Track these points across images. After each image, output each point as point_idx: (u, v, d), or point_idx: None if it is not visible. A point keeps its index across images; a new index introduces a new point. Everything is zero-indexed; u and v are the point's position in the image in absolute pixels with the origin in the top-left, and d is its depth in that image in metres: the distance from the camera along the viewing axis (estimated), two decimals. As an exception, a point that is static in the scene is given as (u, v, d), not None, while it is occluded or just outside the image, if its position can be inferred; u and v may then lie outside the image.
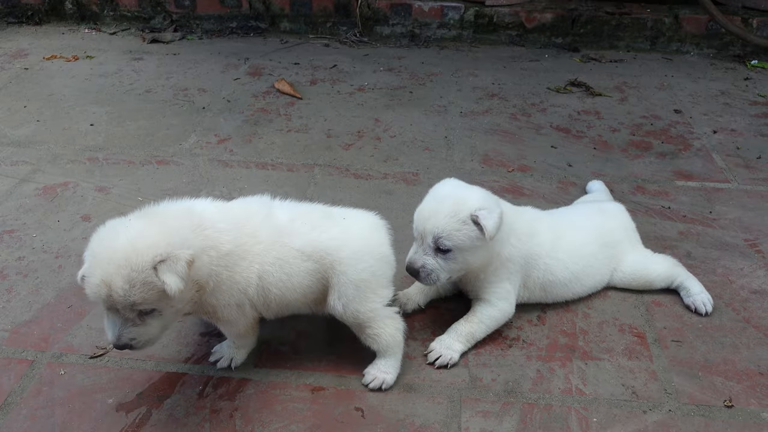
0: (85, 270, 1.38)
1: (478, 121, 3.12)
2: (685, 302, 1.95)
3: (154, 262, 1.34)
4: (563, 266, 1.88)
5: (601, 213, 2.09)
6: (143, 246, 1.35)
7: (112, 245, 1.36)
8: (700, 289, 1.95)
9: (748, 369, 1.74)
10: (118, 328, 1.39)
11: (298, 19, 4.28)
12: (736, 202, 2.50)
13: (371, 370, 1.68)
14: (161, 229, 1.41)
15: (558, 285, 1.89)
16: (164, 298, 1.36)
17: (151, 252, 1.34)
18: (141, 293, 1.34)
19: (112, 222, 1.45)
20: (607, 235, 1.99)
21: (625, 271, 1.99)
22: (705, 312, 1.91)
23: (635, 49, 4.10)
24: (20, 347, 1.78)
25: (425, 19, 4.19)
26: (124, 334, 1.39)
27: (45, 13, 4.34)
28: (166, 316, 1.44)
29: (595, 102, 3.39)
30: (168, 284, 1.33)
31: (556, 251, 1.88)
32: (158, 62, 3.80)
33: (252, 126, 3.02)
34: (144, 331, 1.41)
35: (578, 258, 1.91)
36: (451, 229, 1.66)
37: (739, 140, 2.99)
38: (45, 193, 2.47)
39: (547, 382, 1.70)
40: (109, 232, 1.41)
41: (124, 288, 1.32)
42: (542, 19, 4.11)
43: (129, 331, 1.39)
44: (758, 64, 3.87)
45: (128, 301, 1.34)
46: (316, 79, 3.60)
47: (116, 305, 1.36)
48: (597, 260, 1.95)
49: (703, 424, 1.57)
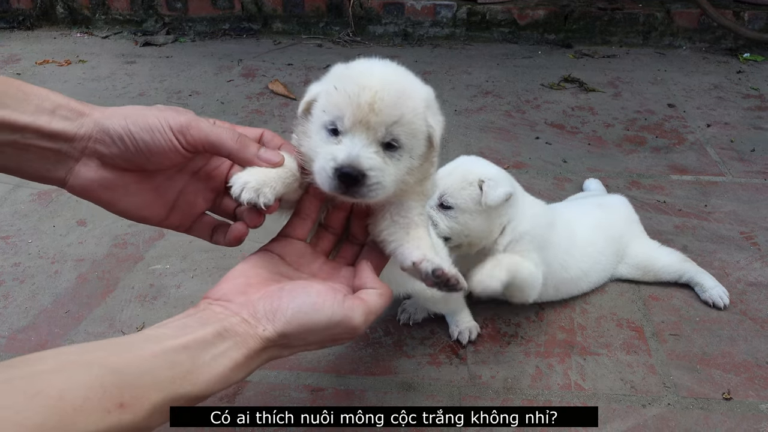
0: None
1: (473, 119, 3.13)
2: (701, 298, 1.96)
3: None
4: (575, 265, 1.89)
5: (602, 207, 2.09)
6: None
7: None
8: (714, 284, 1.96)
9: (746, 361, 1.74)
10: (360, 148, 1.09)
11: (290, 20, 4.28)
12: (731, 195, 2.50)
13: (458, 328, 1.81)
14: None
15: (569, 282, 1.90)
16: (424, 145, 1.18)
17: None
18: (412, 125, 1.14)
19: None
20: (610, 229, 2.00)
21: (630, 263, 2.01)
22: (723, 305, 1.91)
23: (628, 44, 4.11)
24: (18, 353, 1.77)
25: (418, 17, 4.19)
26: (366, 158, 1.08)
27: (36, 17, 4.33)
28: (404, 163, 1.15)
29: (589, 98, 3.40)
30: (435, 129, 1.17)
31: (573, 249, 1.89)
32: (151, 65, 3.79)
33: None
34: (382, 168, 1.11)
35: (587, 256, 1.92)
36: (457, 187, 1.71)
37: (732, 133, 3.00)
38: (40, 198, 2.46)
39: (546, 378, 1.70)
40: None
41: (408, 112, 1.13)
42: (535, 16, 4.12)
43: (371, 157, 1.09)
44: (750, 57, 3.89)
45: (399, 125, 1.12)
46: (309, 79, 3.58)
47: (376, 124, 1.09)
48: (604, 256, 1.96)
49: (702, 417, 1.58)
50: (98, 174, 1.07)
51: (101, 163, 1.07)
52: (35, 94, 1.04)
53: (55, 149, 1.05)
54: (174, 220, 1.20)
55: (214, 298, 1.05)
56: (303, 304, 1.01)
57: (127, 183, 1.10)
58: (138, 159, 1.07)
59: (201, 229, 1.25)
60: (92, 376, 0.80)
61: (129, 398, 0.81)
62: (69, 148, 1.05)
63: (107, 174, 1.08)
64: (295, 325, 1.00)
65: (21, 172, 1.07)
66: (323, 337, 1.05)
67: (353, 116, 1.08)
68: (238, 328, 0.98)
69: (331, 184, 1.08)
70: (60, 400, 0.75)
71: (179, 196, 1.19)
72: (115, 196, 1.10)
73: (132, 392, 0.82)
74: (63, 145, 1.05)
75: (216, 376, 0.93)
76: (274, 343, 1.01)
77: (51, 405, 0.75)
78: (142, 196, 1.13)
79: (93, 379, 0.80)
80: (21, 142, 1.02)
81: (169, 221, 1.20)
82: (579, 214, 2.04)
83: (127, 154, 1.05)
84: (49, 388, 0.76)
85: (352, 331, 1.05)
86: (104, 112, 1.07)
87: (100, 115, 1.06)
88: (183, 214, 1.21)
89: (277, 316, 1.00)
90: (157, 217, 1.18)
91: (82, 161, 1.07)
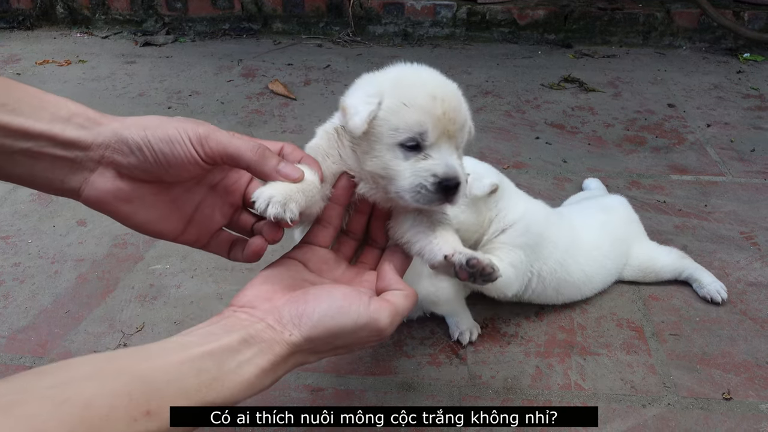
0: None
1: (473, 119, 3.12)
2: (700, 294, 1.97)
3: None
4: (578, 268, 1.88)
5: (603, 210, 2.08)
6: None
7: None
8: (712, 279, 1.97)
9: (746, 361, 1.74)
10: (452, 158, 1.14)
11: (290, 20, 4.28)
12: (731, 195, 2.51)
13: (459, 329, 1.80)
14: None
15: (571, 286, 1.89)
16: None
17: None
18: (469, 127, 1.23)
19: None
20: (614, 231, 2.00)
21: (632, 264, 2.00)
22: (721, 300, 1.92)
23: (628, 44, 4.12)
24: (18, 353, 1.77)
25: (418, 17, 4.19)
26: (459, 165, 1.15)
27: (36, 17, 4.33)
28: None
29: (589, 98, 3.40)
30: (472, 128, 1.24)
31: (575, 251, 1.88)
32: (151, 65, 3.79)
33: (246, 127, 3.02)
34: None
35: (592, 260, 1.91)
36: None
37: (732, 133, 3.00)
38: (40, 198, 2.46)
39: (546, 378, 1.70)
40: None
41: (467, 116, 1.21)
42: (534, 16, 4.12)
43: (460, 164, 1.16)
44: (750, 57, 3.89)
45: (464, 130, 1.19)
46: (309, 79, 3.60)
47: (455, 132, 1.15)
48: (609, 260, 1.96)
49: (702, 417, 1.58)
50: (114, 185, 1.05)
51: (117, 173, 1.05)
52: (51, 102, 1.02)
53: (70, 158, 1.02)
54: (190, 235, 1.18)
55: (239, 305, 1.05)
56: (329, 308, 1.01)
57: (144, 195, 1.08)
58: (156, 170, 1.05)
59: (218, 245, 1.23)
60: (120, 383, 0.81)
61: (155, 406, 0.82)
62: (84, 157, 1.03)
63: (124, 185, 1.05)
64: (321, 329, 1.00)
65: (34, 182, 1.05)
66: (351, 340, 1.04)
67: (436, 129, 1.10)
68: (264, 334, 0.98)
69: (430, 198, 1.10)
70: (87, 408, 0.76)
71: (196, 210, 1.17)
72: (132, 208, 1.08)
73: (158, 400, 0.82)
74: (78, 153, 1.02)
75: (242, 383, 0.93)
76: (301, 349, 1.00)
77: (78, 413, 0.75)
78: (159, 209, 1.11)
79: (120, 386, 0.81)
80: (35, 150, 1.00)
81: (186, 236, 1.18)
82: (581, 217, 2.03)
83: (146, 164, 1.03)
84: (76, 396, 0.76)
85: (380, 333, 1.04)
86: (123, 122, 1.05)
87: (118, 125, 1.04)
88: (200, 228, 1.19)
89: (303, 321, 1.00)
90: (173, 231, 1.15)
91: (98, 171, 1.04)
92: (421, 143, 1.11)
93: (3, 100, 0.98)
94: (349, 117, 1.13)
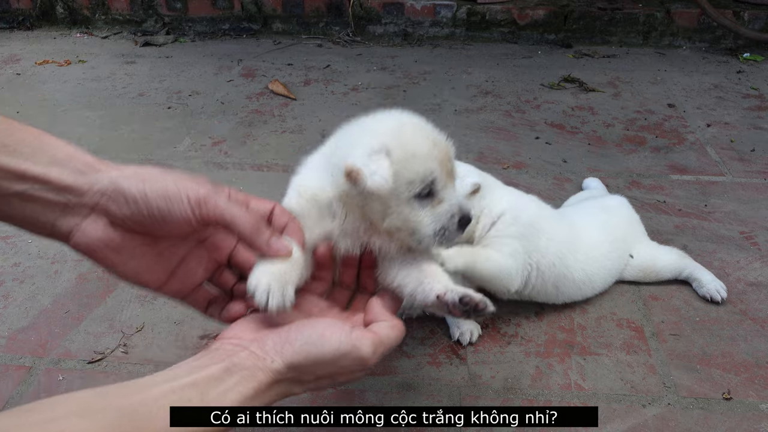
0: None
1: (473, 119, 3.13)
2: (699, 293, 1.97)
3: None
4: (579, 266, 1.88)
5: (604, 210, 2.08)
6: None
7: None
8: (711, 278, 1.97)
9: (746, 361, 1.74)
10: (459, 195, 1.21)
11: (290, 20, 4.28)
12: (731, 195, 2.51)
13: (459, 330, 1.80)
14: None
15: (571, 284, 1.88)
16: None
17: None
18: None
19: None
20: (614, 232, 1.99)
21: (633, 265, 2.00)
22: (720, 299, 1.92)
23: (628, 44, 4.12)
24: (18, 354, 1.77)
25: (418, 17, 4.19)
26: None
27: (36, 18, 4.33)
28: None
29: (589, 98, 3.40)
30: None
31: (574, 248, 1.88)
32: (151, 65, 3.79)
33: (246, 128, 3.02)
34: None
35: (592, 259, 1.91)
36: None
37: (732, 133, 3.00)
38: (40, 198, 2.46)
39: (546, 378, 1.70)
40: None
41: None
42: (534, 16, 4.12)
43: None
44: (750, 57, 3.89)
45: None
46: (309, 79, 3.60)
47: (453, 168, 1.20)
48: (610, 260, 1.95)
49: (702, 417, 1.58)
50: (105, 233, 1.04)
51: (109, 222, 1.04)
52: (51, 144, 1.02)
53: (63, 202, 1.02)
54: (172, 286, 1.17)
55: (226, 338, 1.06)
56: (311, 336, 1.03)
57: (134, 246, 1.08)
58: (149, 223, 1.05)
59: (196, 300, 1.23)
60: (107, 420, 0.83)
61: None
62: (78, 203, 1.02)
63: (114, 235, 1.05)
64: (303, 355, 1.01)
65: (24, 223, 1.04)
66: (333, 369, 1.05)
67: (443, 171, 1.14)
68: (247, 362, 0.99)
69: (454, 236, 1.16)
70: None
71: (181, 263, 1.17)
72: (120, 258, 1.08)
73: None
74: (71, 198, 1.02)
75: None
76: (284, 377, 1.02)
77: None
78: (146, 260, 1.11)
79: (108, 423, 0.83)
80: (29, 193, 0.99)
81: (167, 288, 1.17)
82: (581, 217, 2.03)
83: (139, 216, 1.03)
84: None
85: (363, 363, 1.04)
86: (122, 171, 1.04)
87: (117, 174, 1.03)
88: (182, 281, 1.18)
89: (285, 348, 1.01)
90: (156, 282, 1.15)
91: (90, 218, 1.04)
92: (433, 189, 1.13)
93: (5, 141, 0.98)
94: (365, 178, 1.07)
